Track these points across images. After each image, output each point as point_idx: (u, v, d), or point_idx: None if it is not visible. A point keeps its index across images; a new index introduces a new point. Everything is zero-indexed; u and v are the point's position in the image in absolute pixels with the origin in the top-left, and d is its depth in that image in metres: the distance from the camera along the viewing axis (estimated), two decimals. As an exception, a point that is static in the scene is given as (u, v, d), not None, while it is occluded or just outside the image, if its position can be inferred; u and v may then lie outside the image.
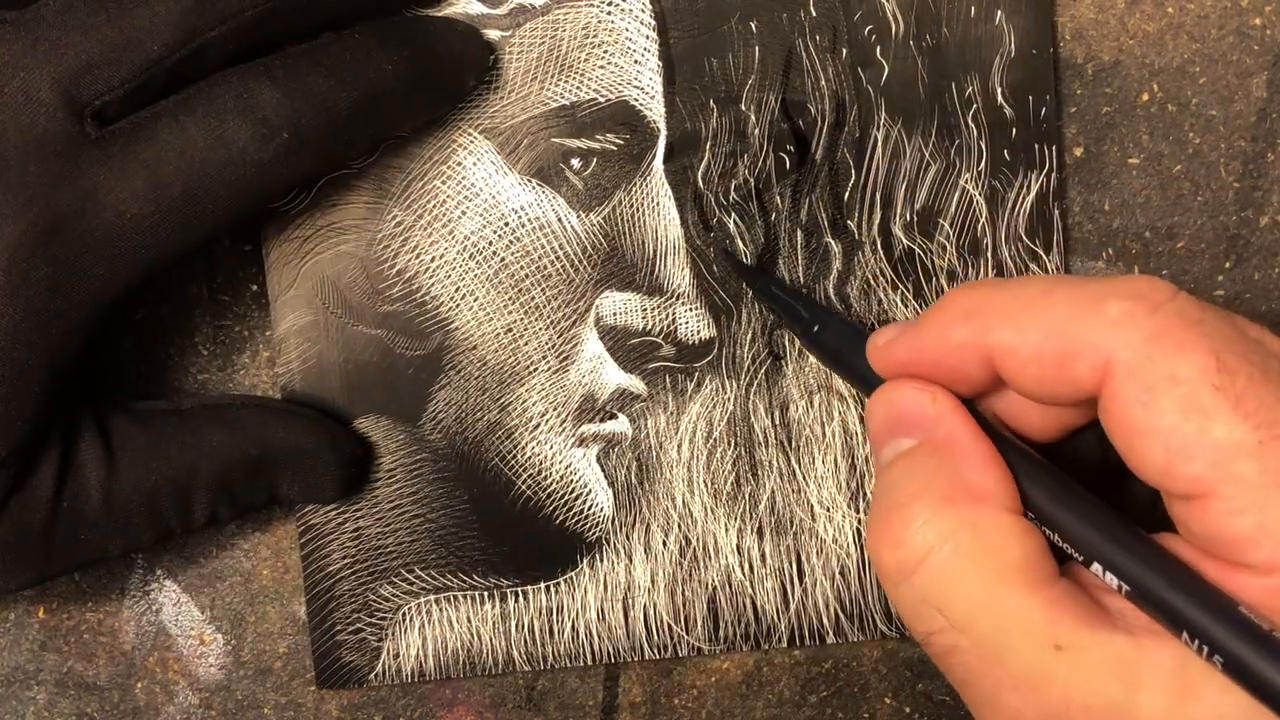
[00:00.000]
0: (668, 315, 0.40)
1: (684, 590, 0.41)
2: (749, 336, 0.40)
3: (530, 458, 0.40)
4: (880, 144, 0.40)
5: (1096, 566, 0.30)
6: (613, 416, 0.40)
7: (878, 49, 0.39)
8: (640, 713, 0.42)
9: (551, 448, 0.40)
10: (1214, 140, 0.40)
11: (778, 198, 0.40)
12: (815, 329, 0.36)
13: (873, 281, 0.40)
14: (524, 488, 0.40)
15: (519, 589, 0.41)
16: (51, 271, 0.33)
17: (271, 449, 0.37)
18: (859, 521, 0.40)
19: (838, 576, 0.41)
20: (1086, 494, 0.31)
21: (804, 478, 0.40)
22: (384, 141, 0.39)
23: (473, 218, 0.39)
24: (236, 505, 0.38)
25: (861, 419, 0.40)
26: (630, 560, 0.41)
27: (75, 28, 0.33)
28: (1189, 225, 0.40)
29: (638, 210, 0.40)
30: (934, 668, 0.41)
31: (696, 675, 0.42)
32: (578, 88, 0.39)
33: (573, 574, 0.41)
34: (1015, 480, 0.31)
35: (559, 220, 0.40)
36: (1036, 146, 0.39)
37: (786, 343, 0.40)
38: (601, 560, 0.40)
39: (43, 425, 0.34)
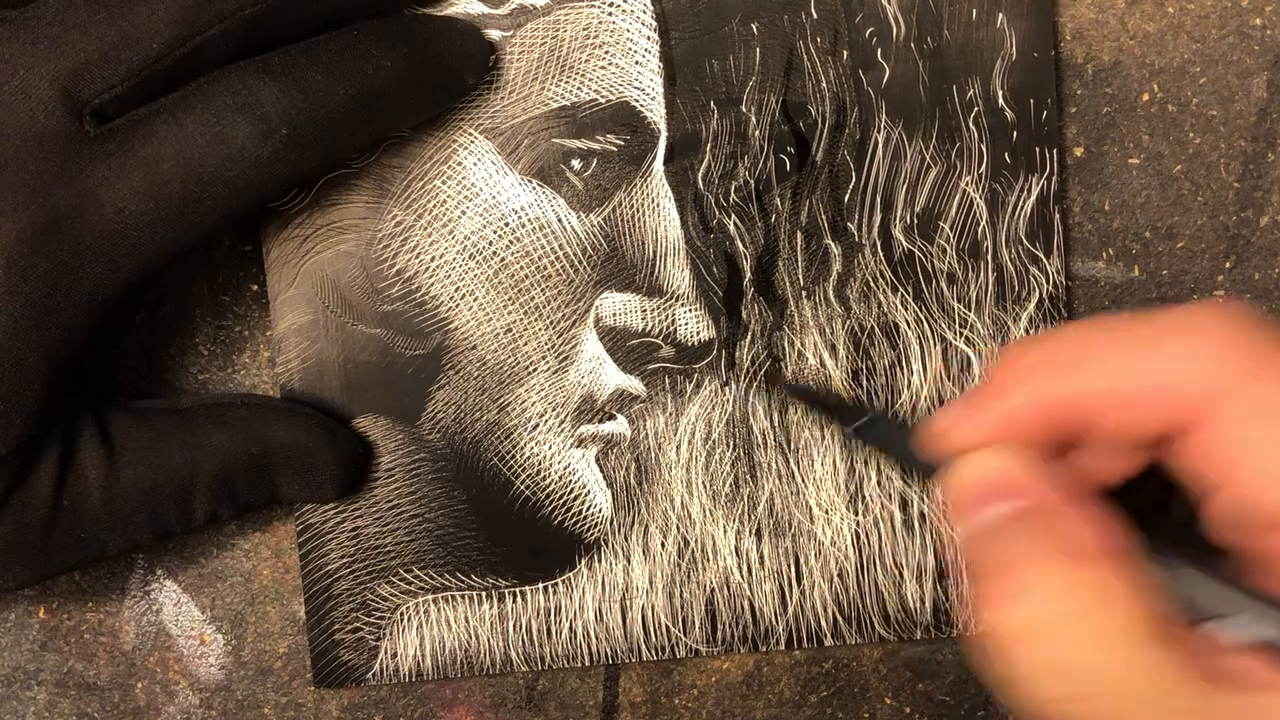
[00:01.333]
0: (667, 316, 0.40)
1: (682, 592, 0.41)
2: (749, 338, 0.40)
3: (529, 458, 0.40)
4: (881, 146, 0.39)
5: (1228, 622, 0.29)
6: (611, 417, 0.40)
7: (879, 51, 0.39)
8: (640, 713, 0.42)
9: (550, 448, 0.40)
10: (1214, 140, 0.40)
11: (778, 199, 0.40)
12: (862, 422, 0.36)
13: (872, 284, 0.40)
14: (523, 488, 0.40)
15: (517, 589, 0.41)
16: (50, 269, 0.33)
17: (272, 448, 0.37)
18: (857, 524, 0.40)
19: (836, 579, 0.41)
20: (1200, 550, 0.30)
21: (803, 480, 0.40)
22: (383, 139, 0.39)
23: (473, 218, 0.39)
24: (236, 504, 0.38)
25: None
26: (629, 561, 0.41)
27: (75, 26, 0.33)
28: (1189, 225, 0.40)
29: (638, 211, 0.40)
30: (934, 668, 0.41)
31: (697, 675, 0.42)
32: (578, 88, 0.39)
33: (571, 575, 0.41)
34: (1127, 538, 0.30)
35: (559, 221, 0.40)
36: (1037, 150, 0.39)
37: (785, 345, 0.40)
38: (600, 561, 0.40)
39: (43, 423, 0.34)
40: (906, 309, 0.40)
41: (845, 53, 0.39)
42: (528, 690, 0.42)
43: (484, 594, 0.41)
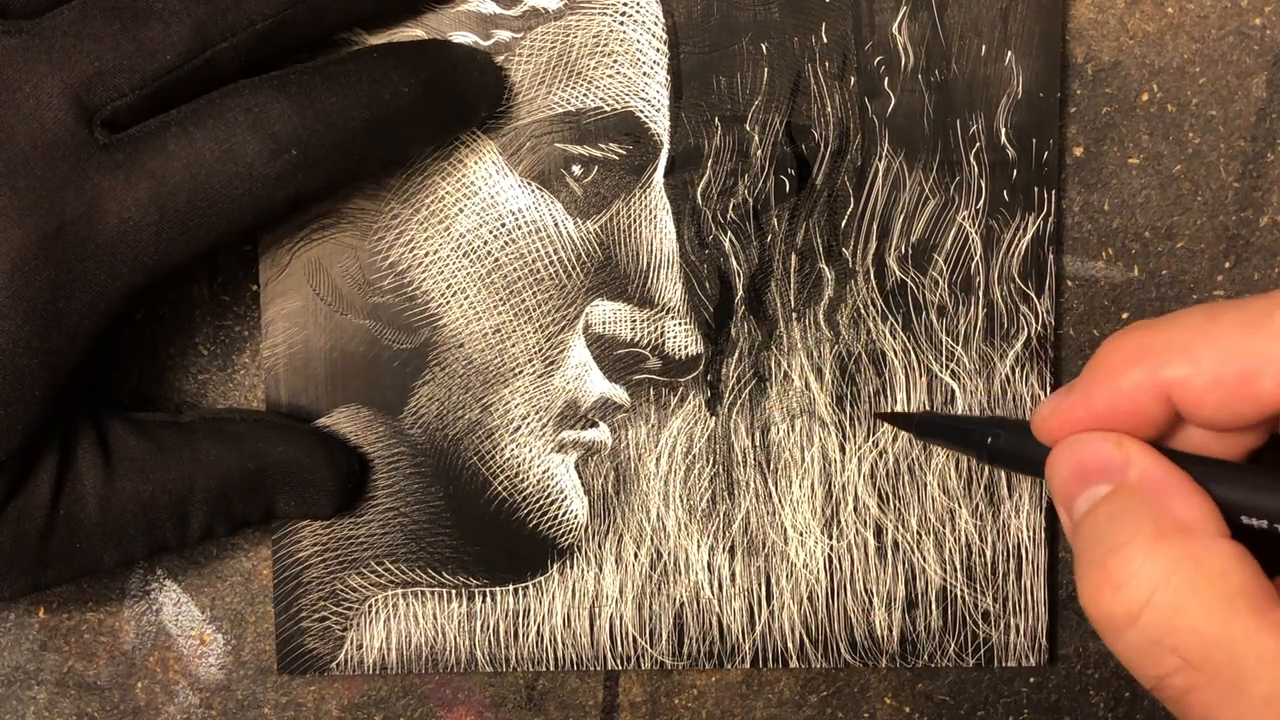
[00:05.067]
0: (656, 328, 0.40)
1: (651, 604, 0.41)
2: (736, 356, 0.40)
3: (509, 459, 0.40)
4: (881, 175, 0.40)
5: None
6: (594, 425, 0.40)
7: (885, 80, 0.39)
8: (640, 712, 0.42)
9: (531, 451, 0.40)
10: (1214, 140, 0.40)
11: (775, 220, 0.40)
12: (989, 440, 0.36)
13: (863, 311, 0.40)
14: (500, 489, 0.40)
15: (487, 590, 0.41)
16: (54, 275, 0.33)
17: (269, 464, 0.37)
18: (830, 548, 0.41)
19: (805, 601, 0.41)
20: None
21: (779, 500, 0.40)
22: (391, 163, 0.39)
23: (470, 216, 0.39)
24: (233, 520, 0.37)
25: (842, 446, 0.40)
26: (600, 569, 0.41)
27: (89, 36, 0.33)
28: (1189, 225, 0.40)
29: (635, 221, 0.40)
30: (934, 667, 0.41)
31: (696, 675, 0.42)
32: (585, 95, 0.39)
33: (542, 579, 0.41)
34: (1228, 495, 0.31)
35: (555, 225, 0.40)
36: (1036, 190, 0.39)
37: (772, 365, 0.40)
38: (572, 567, 0.41)
39: (42, 430, 0.34)
40: (895, 338, 0.40)
41: (853, 79, 0.39)
42: (528, 690, 0.42)
43: (453, 592, 0.41)
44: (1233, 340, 0.30)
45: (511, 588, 0.41)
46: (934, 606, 0.41)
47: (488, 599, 0.41)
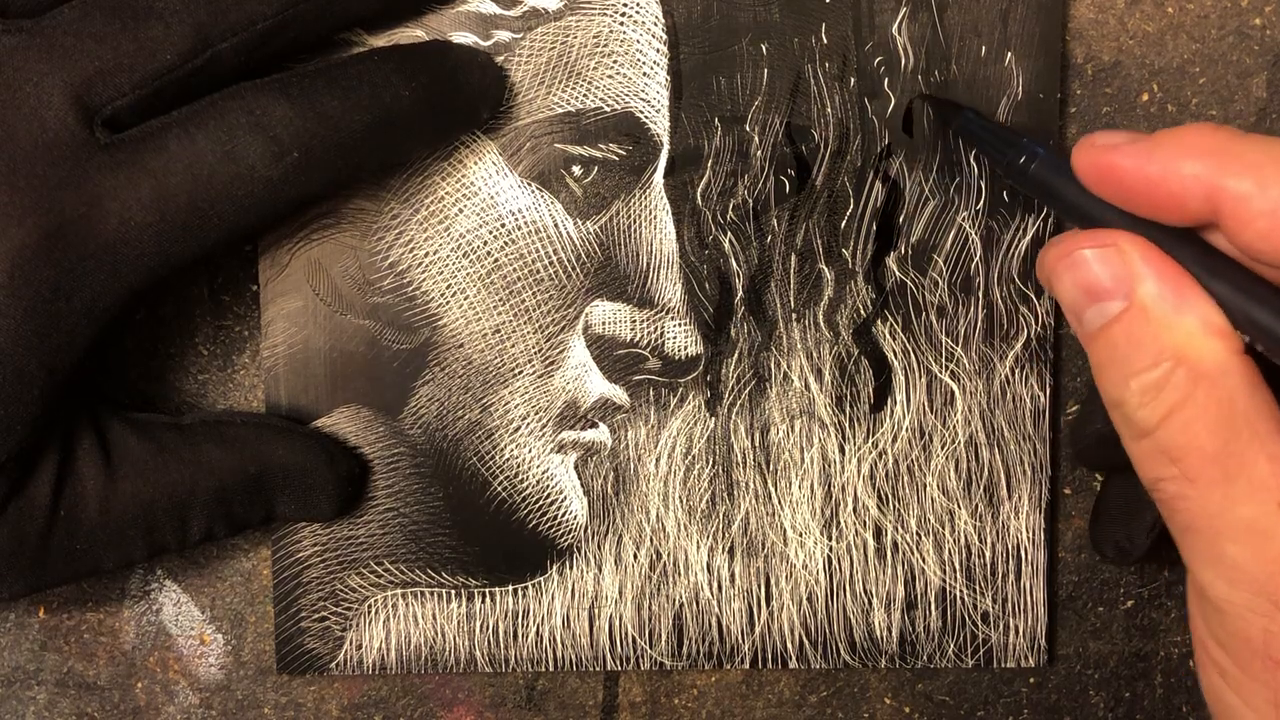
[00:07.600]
0: (656, 329, 0.40)
1: (651, 604, 0.41)
2: (736, 356, 0.40)
3: (508, 460, 0.40)
4: (881, 175, 0.40)
5: None
6: (593, 425, 0.40)
7: (885, 81, 0.39)
8: (640, 712, 0.42)
9: (530, 451, 0.40)
10: None
11: (775, 220, 0.40)
12: (1022, 161, 0.34)
13: (862, 311, 0.40)
14: (500, 490, 0.40)
15: (486, 590, 0.41)
16: (55, 274, 0.33)
17: (270, 467, 0.37)
18: (830, 549, 0.41)
19: (805, 602, 0.41)
20: None
21: (779, 501, 0.40)
22: (393, 166, 0.39)
23: (469, 216, 0.39)
24: (233, 523, 0.37)
25: (841, 447, 0.40)
26: (600, 570, 0.41)
27: (89, 35, 0.33)
28: None
29: (635, 222, 0.40)
30: (934, 668, 0.41)
31: (696, 675, 0.42)
32: (584, 95, 0.39)
33: (541, 580, 0.41)
34: (1233, 303, 0.31)
35: (555, 225, 0.40)
36: (1036, 190, 0.39)
37: (772, 366, 0.40)
38: (571, 568, 0.41)
39: (41, 431, 0.34)
40: (895, 339, 0.40)
41: (853, 80, 0.39)
42: (527, 690, 0.42)
43: (453, 592, 0.41)
44: None
45: (511, 588, 0.41)
46: (933, 607, 0.41)
47: (487, 599, 0.41)
